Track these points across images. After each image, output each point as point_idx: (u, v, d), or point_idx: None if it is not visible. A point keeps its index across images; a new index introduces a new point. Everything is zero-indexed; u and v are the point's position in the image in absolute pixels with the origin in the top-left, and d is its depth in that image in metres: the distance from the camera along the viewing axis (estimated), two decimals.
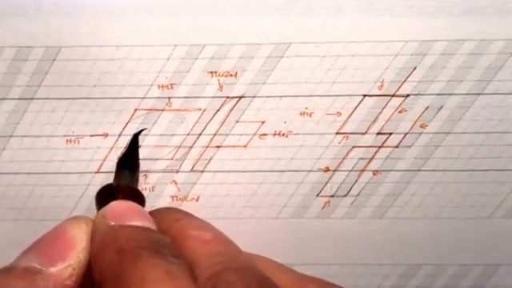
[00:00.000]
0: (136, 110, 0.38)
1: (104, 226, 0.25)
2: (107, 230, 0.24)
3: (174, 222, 0.26)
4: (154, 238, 0.24)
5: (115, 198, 0.27)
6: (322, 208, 0.39)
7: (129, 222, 0.25)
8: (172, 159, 0.38)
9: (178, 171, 0.39)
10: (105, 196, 0.28)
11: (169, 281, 0.21)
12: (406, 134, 0.38)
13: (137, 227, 0.25)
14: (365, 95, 0.37)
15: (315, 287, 0.26)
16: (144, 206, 0.29)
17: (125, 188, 0.29)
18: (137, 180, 0.33)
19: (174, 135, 0.38)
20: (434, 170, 0.38)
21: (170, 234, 0.25)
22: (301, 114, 0.38)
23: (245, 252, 0.26)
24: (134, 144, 0.36)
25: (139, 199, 0.29)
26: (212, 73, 0.37)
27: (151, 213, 0.27)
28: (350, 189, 0.39)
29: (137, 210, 0.26)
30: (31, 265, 0.24)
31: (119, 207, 0.26)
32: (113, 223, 0.25)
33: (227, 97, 0.37)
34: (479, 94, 0.37)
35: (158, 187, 0.39)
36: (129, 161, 0.33)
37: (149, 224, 0.25)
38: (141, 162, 0.38)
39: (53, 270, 0.24)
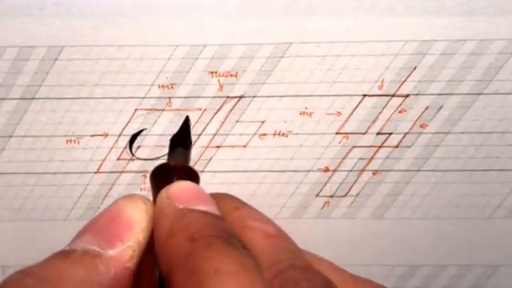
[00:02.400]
0: (136, 109, 0.38)
1: (171, 209, 0.23)
2: (176, 214, 0.23)
3: (234, 211, 0.25)
4: (225, 227, 0.23)
5: (171, 177, 0.26)
6: (322, 208, 0.39)
7: (197, 206, 0.23)
8: None
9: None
10: (161, 176, 0.26)
11: (246, 274, 0.20)
12: (405, 133, 0.38)
13: (206, 213, 0.23)
14: (365, 95, 0.37)
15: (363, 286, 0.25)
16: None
17: (182, 168, 0.28)
18: (189, 158, 0.31)
19: None
20: (434, 170, 0.38)
21: (229, 222, 0.24)
22: (301, 113, 0.38)
23: (306, 252, 0.25)
24: (186, 123, 0.35)
25: (196, 179, 0.27)
26: (212, 73, 0.37)
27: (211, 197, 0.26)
28: (350, 189, 0.39)
29: (203, 194, 0.25)
30: (91, 247, 0.23)
31: (185, 189, 0.25)
32: (181, 206, 0.23)
33: (227, 97, 0.37)
34: (479, 94, 0.37)
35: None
36: (182, 139, 0.32)
37: (215, 210, 0.24)
38: (141, 162, 0.38)
39: (112, 252, 0.23)
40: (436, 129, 0.38)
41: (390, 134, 0.38)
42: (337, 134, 0.38)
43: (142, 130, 0.38)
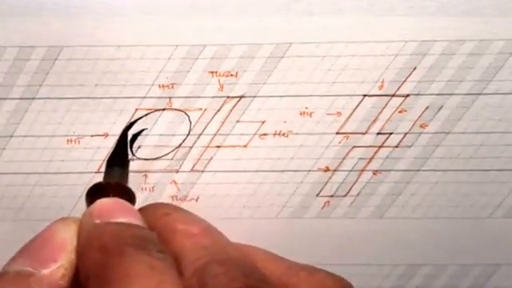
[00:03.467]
0: (137, 109, 0.38)
1: (89, 224, 0.25)
2: (92, 228, 0.24)
3: (163, 217, 0.26)
4: (139, 234, 0.24)
5: (105, 196, 0.27)
6: (322, 208, 0.39)
7: (114, 218, 0.25)
8: (172, 159, 0.38)
9: (178, 171, 0.39)
10: (94, 194, 0.28)
11: (153, 276, 0.21)
12: (405, 133, 0.38)
13: (121, 224, 0.24)
14: (365, 95, 0.37)
15: (306, 274, 0.26)
16: (134, 203, 0.29)
17: (114, 185, 0.29)
18: (127, 177, 0.32)
19: (174, 135, 0.38)
20: (434, 170, 0.38)
21: (158, 228, 0.25)
22: (301, 113, 0.38)
23: (234, 243, 0.26)
24: (122, 140, 0.36)
25: (129, 196, 0.28)
26: (213, 73, 0.37)
27: (141, 209, 0.27)
28: (350, 189, 0.39)
29: (123, 207, 0.26)
30: (23, 268, 0.24)
31: (105, 204, 0.26)
32: (98, 221, 0.24)
33: (228, 97, 0.37)
34: (479, 94, 0.37)
35: (158, 187, 0.39)
36: (118, 157, 0.33)
37: (135, 220, 0.25)
38: (141, 161, 0.38)
39: (45, 271, 0.24)
40: (436, 129, 0.38)
41: (390, 133, 0.38)
42: (337, 133, 0.38)
43: (142, 130, 0.38)
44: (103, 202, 0.26)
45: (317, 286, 0.25)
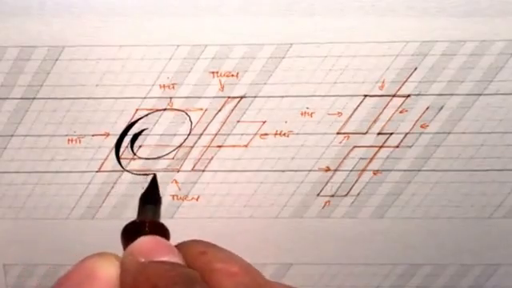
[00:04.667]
0: (137, 109, 0.38)
1: (134, 264, 0.24)
2: (138, 268, 0.24)
3: (200, 256, 0.26)
4: (186, 274, 0.24)
5: (141, 234, 0.27)
6: (323, 208, 0.39)
7: (158, 257, 0.24)
8: (173, 159, 0.39)
9: (178, 171, 0.39)
10: (130, 233, 0.28)
11: None
12: (406, 134, 0.38)
13: (167, 263, 0.24)
14: (366, 95, 0.37)
15: None
16: (169, 240, 0.29)
17: (150, 223, 0.29)
18: (159, 214, 0.33)
19: (175, 135, 0.38)
20: (435, 170, 0.38)
21: (196, 267, 0.25)
22: (302, 113, 0.38)
23: (272, 282, 0.26)
24: (154, 181, 0.36)
25: (164, 233, 0.28)
26: (213, 73, 0.37)
27: (177, 246, 0.27)
28: (351, 188, 0.39)
29: (164, 245, 0.26)
30: None
31: (146, 243, 0.26)
32: (142, 260, 0.24)
33: (228, 97, 0.37)
34: (480, 95, 0.37)
35: (159, 186, 0.39)
36: (151, 196, 0.34)
37: (177, 259, 0.25)
38: (142, 161, 0.39)
39: None
40: (437, 129, 0.38)
41: (391, 134, 0.38)
42: (338, 133, 0.38)
43: (143, 130, 0.38)
44: (144, 240, 0.26)
45: None
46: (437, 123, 0.38)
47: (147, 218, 0.31)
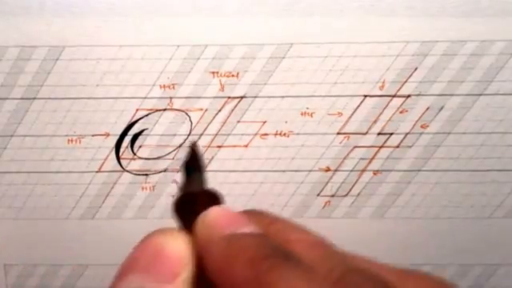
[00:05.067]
0: (137, 109, 0.38)
1: (217, 237, 0.23)
2: (225, 241, 0.23)
3: (270, 226, 0.24)
4: (277, 246, 0.22)
5: (198, 205, 0.26)
6: (323, 208, 0.39)
7: (241, 229, 0.23)
8: (173, 159, 0.39)
9: (178, 171, 0.39)
10: (187, 204, 0.26)
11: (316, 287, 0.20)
12: (406, 134, 0.38)
13: (254, 235, 0.23)
14: (366, 95, 0.37)
15: (416, 277, 0.25)
16: None
17: (206, 193, 0.28)
18: (206, 182, 0.32)
19: (175, 135, 0.38)
20: (435, 170, 0.38)
21: (273, 239, 0.23)
22: (302, 114, 0.38)
23: (348, 253, 0.25)
24: (195, 148, 0.35)
25: (222, 201, 0.27)
26: (214, 73, 0.37)
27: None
28: (351, 189, 0.39)
29: (241, 216, 0.24)
30: (146, 285, 0.22)
31: (222, 214, 0.24)
32: (227, 232, 0.23)
33: (229, 97, 0.37)
34: (480, 95, 0.37)
35: (159, 186, 0.39)
36: (194, 163, 0.33)
37: (259, 230, 0.24)
38: (142, 161, 0.38)
39: (170, 286, 0.22)
40: (437, 129, 0.38)
41: (391, 134, 0.38)
42: (338, 134, 0.38)
43: (143, 130, 0.38)
44: (219, 212, 0.24)
45: None
46: (437, 123, 0.38)
47: (198, 187, 0.29)
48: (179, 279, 0.23)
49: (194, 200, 0.26)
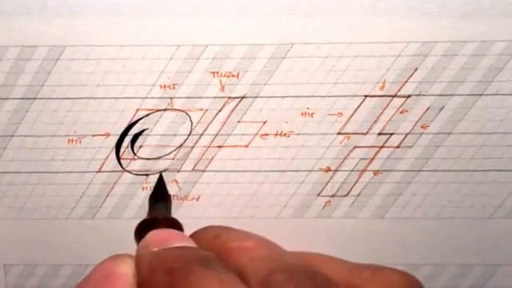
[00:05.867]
0: (138, 109, 0.38)
1: (148, 253, 0.25)
2: (152, 255, 0.24)
3: (214, 239, 0.26)
4: (200, 254, 0.24)
5: (154, 229, 0.28)
6: (323, 208, 0.39)
7: (170, 245, 0.25)
8: (173, 159, 0.39)
9: (179, 171, 0.39)
10: (143, 230, 0.28)
11: None
12: (407, 134, 0.38)
13: (181, 247, 0.25)
14: (366, 96, 0.37)
15: (369, 274, 0.25)
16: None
17: (162, 219, 0.30)
18: (170, 210, 0.33)
19: (175, 135, 0.38)
20: (435, 171, 0.38)
21: (212, 251, 0.25)
22: (302, 114, 0.38)
23: (290, 251, 0.26)
24: (161, 179, 0.37)
25: (178, 227, 0.29)
26: (214, 73, 0.37)
27: (191, 235, 0.28)
28: (351, 189, 0.39)
29: (177, 234, 0.26)
30: None
31: (159, 234, 0.26)
32: (156, 249, 0.25)
33: (229, 97, 0.37)
34: (480, 95, 0.37)
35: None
36: (159, 194, 0.34)
37: (191, 244, 0.25)
38: (142, 161, 0.38)
39: None
40: (437, 129, 0.38)
41: (392, 134, 0.38)
42: (338, 134, 0.38)
43: (143, 130, 0.38)
44: (156, 233, 0.27)
45: (382, 285, 0.25)
46: (437, 123, 0.38)
47: (158, 214, 0.31)
48: None
49: (154, 225, 0.28)
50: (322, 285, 0.22)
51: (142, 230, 0.29)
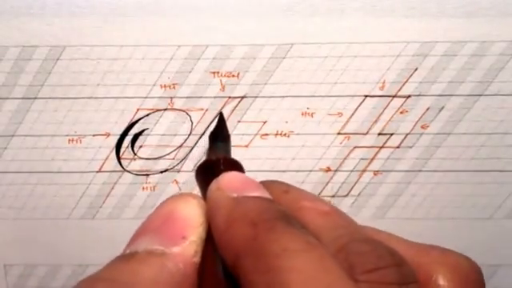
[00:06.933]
0: (138, 109, 0.38)
1: (225, 199, 0.23)
2: (232, 203, 0.23)
3: (284, 194, 0.25)
4: (281, 209, 0.22)
5: (217, 171, 0.26)
6: None
7: (249, 193, 0.23)
8: (173, 159, 0.39)
9: (179, 171, 0.39)
10: (207, 171, 0.27)
11: (312, 250, 0.20)
12: (407, 134, 0.38)
13: (261, 198, 0.23)
14: (366, 96, 0.37)
15: (438, 254, 0.25)
16: None
17: (225, 160, 0.28)
18: (230, 152, 0.31)
19: (175, 135, 0.38)
20: (435, 171, 0.38)
21: (282, 205, 0.24)
22: (302, 114, 0.38)
23: (362, 225, 0.25)
24: (221, 118, 0.35)
25: (241, 169, 0.27)
26: (214, 73, 0.37)
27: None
28: (351, 189, 0.39)
29: (252, 181, 0.25)
30: (153, 247, 0.22)
31: (235, 178, 0.24)
32: (234, 195, 0.23)
33: (229, 97, 0.38)
34: (480, 96, 0.37)
35: (159, 187, 0.39)
36: (220, 133, 0.33)
37: (267, 195, 0.24)
38: (142, 161, 0.39)
39: (177, 249, 0.22)
40: (437, 129, 0.38)
41: (392, 134, 0.38)
42: (338, 134, 0.38)
43: (144, 130, 0.38)
44: (232, 176, 0.25)
45: (451, 266, 0.24)
46: (437, 124, 0.38)
47: (220, 155, 0.29)
48: (186, 242, 0.23)
49: (214, 167, 0.26)
50: (401, 262, 0.22)
51: (205, 172, 0.27)
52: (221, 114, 0.34)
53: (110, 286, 0.21)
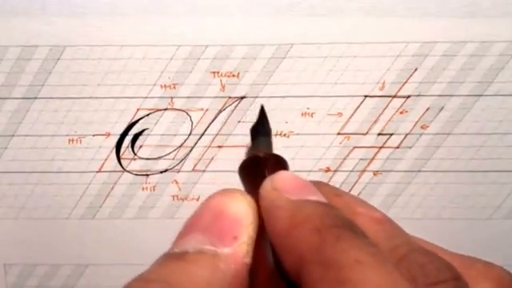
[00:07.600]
0: (138, 109, 0.38)
1: (284, 201, 0.23)
2: (292, 206, 0.22)
3: (336, 198, 0.24)
4: (343, 216, 0.22)
5: (263, 168, 0.25)
6: None
7: (307, 196, 0.23)
8: (173, 159, 0.39)
9: (179, 171, 0.39)
10: (252, 167, 0.26)
11: (383, 264, 0.19)
12: (406, 134, 0.38)
13: (321, 203, 0.23)
14: (366, 96, 0.37)
15: (482, 267, 0.24)
16: None
17: (272, 157, 0.27)
18: (272, 146, 0.31)
19: (175, 135, 0.38)
20: (435, 171, 0.38)
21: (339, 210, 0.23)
22: (302, 114, 0.38)
23: (412, 235, 0.25)
24: (263, 112, 0.34)
25: (286, 166, 0.26)
26: (214, 73, 0.37)
27: None
28: (351, 189, 0.39)
29: (308, 184, 0.24)
30: (205, 247, 0.22)
31: (290, 179, 0.24)
32: (294, 197, 0.23)
33: (229, 97, 0.38)
34: (480, 96, 0.37)
35: (159, 187, 0.39)
36: (262, 127, 0.31)
37: (324, 199, 0.23)
38: (142, 161, 0.39)
39: (228, 249, 0.22)
40: (437, 130, 0.38)
41: (391, 134, 0.38)
42: (338, 134, 0.38)
43: (144, 130, 0.38)
44: (287, 177, 0.24)
45: (495, 280, 0.24)
46: (437, 124, 0.38)
47: (265, 151, 0.29)
48: (237, 242, 0.22)
49: (259, 163, 0.26)
50: (457, 275, 0.22)
51: (250, 168, 0.26)
52: (262, 108, 0.34)
53: (164, 287, 0.20)
